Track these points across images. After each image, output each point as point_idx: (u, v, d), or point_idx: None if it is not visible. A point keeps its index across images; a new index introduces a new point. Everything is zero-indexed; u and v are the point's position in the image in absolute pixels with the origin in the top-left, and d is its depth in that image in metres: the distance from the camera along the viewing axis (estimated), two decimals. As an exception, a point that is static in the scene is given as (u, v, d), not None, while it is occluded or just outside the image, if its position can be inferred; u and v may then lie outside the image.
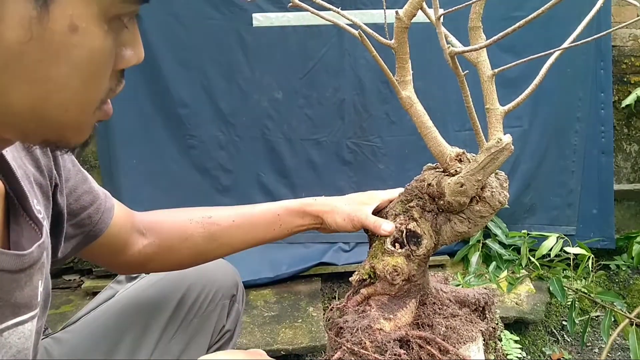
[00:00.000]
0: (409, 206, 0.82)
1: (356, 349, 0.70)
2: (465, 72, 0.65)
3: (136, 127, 2.13)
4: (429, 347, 0.72)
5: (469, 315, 0.81)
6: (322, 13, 0.71)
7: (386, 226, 0.80)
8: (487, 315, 0.85)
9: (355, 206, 0.88)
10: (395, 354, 0.69)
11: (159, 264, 0.89)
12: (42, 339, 0.86)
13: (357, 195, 0.92)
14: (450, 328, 0.77)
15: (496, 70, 0.67)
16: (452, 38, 0.73)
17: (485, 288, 0.87)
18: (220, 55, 2.10)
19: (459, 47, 0.67)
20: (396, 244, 0.80)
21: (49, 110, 0.45)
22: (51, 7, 0.41)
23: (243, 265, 2.09)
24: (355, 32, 0.68)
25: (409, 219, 0.81)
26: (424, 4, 0.67)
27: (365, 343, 0.70)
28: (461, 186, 0.74)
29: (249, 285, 2.06)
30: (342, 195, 0.93)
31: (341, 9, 0.71)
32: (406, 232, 0.80)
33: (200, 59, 2.11)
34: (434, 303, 0.81)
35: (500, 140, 0.70)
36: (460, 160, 0.77)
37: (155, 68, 2.07)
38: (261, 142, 2.18)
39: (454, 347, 0.73)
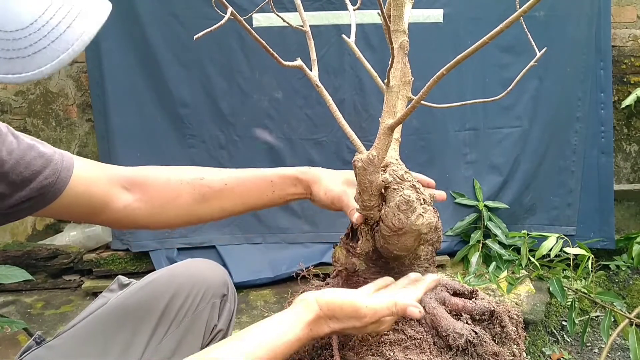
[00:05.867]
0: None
1: None
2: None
3: (136, 127, 2.13)
4: None
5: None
6: (306, 14, 0.70)
7: (356, 216, 0.81)
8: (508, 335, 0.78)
9: (340, 187, 0.87)
10: None
11: (148, 221, 0.89)
12: (35, 348, 0.86)
13: (351, 173, 0.89)
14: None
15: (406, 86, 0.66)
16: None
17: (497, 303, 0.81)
18: (220, 55, 2.10)
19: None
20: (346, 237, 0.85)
21: None
22: None
23: (243, 265, 2.11)
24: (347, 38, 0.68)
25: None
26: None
27: None
28: (358, 196, 0.77)
29: (249, 285, 2.06)
30: (338, 170, 0.93)
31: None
32: (352, 228, 0.85)
33: (201, 59, 2.11)
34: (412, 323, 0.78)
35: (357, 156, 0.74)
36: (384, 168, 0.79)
37: (155, 68, 2.06)
38: (261, 141, 2.18)
39: None
